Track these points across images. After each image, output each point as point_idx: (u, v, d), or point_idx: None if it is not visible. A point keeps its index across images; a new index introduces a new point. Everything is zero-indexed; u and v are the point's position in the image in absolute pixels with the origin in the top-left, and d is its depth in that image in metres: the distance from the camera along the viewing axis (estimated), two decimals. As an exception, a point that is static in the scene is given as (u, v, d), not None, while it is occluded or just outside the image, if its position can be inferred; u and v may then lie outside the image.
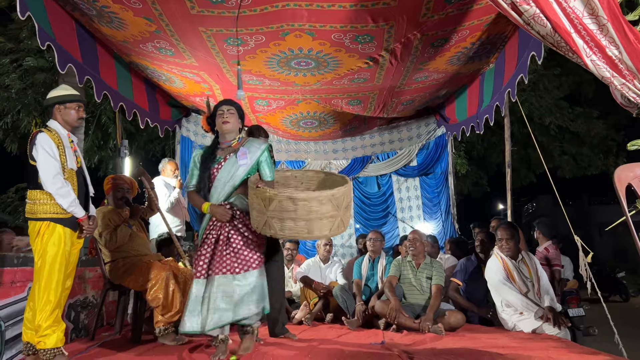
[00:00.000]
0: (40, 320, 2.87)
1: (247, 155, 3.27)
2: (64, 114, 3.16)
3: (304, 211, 2.75)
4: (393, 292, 4.51)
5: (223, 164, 3.28)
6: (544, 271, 4.41)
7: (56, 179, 2.95)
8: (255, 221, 3.01)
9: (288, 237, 3.10)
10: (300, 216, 2.77)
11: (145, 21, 4.10)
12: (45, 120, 8.65)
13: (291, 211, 2.76)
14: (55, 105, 3.16)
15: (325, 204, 2.78)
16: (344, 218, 2.95)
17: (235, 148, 3.33)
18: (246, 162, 3.26)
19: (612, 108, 10.63)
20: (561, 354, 3.12)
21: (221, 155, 3.33)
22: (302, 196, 2.77)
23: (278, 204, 2.76)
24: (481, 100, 5.71)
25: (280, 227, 2.83)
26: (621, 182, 2.27)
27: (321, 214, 2.78)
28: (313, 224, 2.80)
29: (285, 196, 2.76)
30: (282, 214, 2.79)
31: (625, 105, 2.85)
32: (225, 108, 3.35)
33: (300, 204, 2.74)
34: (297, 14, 3.95)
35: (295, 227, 2.82)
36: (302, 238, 3.15)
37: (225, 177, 3.26)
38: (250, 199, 3.01)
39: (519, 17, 2.72)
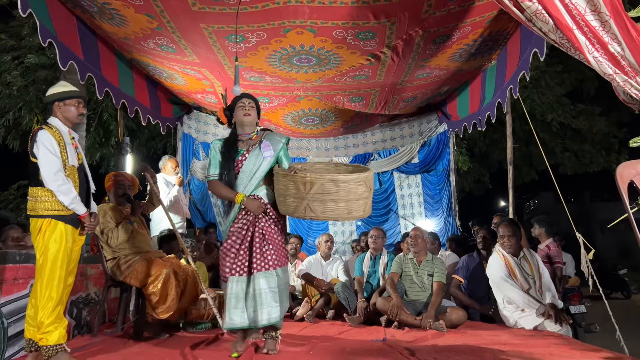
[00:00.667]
0: (42, 317, 2.88)
1: (270, 147, 3.32)
2: (63, 110, 3.15)
3: (344, 192, 2.95)
4: (395, 289, 4.51)
5: (247, 156, 3.30)
6: (545, 268, 4.41)
7: (57, 176, 2.95)
8: (290, 207, 3.10)
9: (330, 218, 3.20)
10: (342, 197, 2.96)
11: (146, 18, 4.10)
12: (46, 118, 8.65)
13: (333, 193, 2.95)
14: (55, 102, 3.14)
15: (361, 185, 3.00)
16: (371, 200, 3.18)
17: (256, 140, 3.36)
18: (270, 154, 3.30)
19: (614, 105, 10.62)
20: (563, 351, 3.12)
21: (243, 147, 3.34)
22: (343, 178, 2.97)
23: (320, 186, 2.94)
24: (483, 97, 5.70)
25: (323, 209, 3.00)
26: (623, 179, 2.26)
27: (358, 195, 2.99)
28: (352, 204, 3.01)
29: (327, 179, 2.96)
30: (324, 196, 2.96)
31: (627, 102, 2.85)
32: (247, 101, 3.37)
33: (342, 185, 2.95)
34: (299, 11, 3.94)
35: (337, 208, 2.99)
36: (342, 219, 3.25)
37: (250, 168, 3.28)
38: (283, 186, 3.10)
39: (521, 13, 2.72)
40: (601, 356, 2.95)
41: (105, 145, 10.16)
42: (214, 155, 3.36)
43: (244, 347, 3.19)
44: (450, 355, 3.05)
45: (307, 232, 7.76)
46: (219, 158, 3.34)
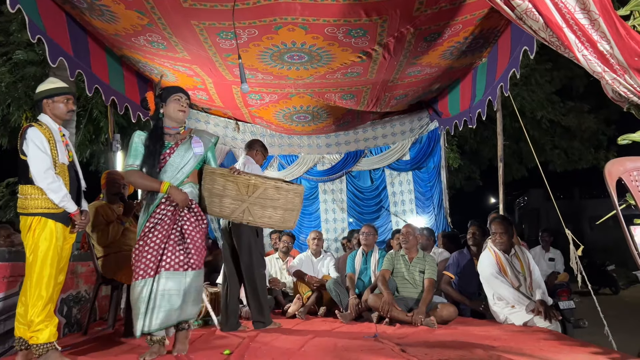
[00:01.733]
0: (32, 315, 2.86)
1: (201, 144, 3.27)
2: (52, 107, 3.12)
3: (284, 201, 2.97)
4: (386, 285, 4.53)
5: (175, 149, 3.20)
6: (536, 265, 4.45)
7: (47, 173, 2.93)
8: (225, 209, 3.06)
9: (265, 225, 3.16)
10: (281, 205, 2.98)
11: (137, 14, 4.07)
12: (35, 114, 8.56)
13: (275, 199, 2.95)
14: (44, 100, 3.11)
15: (298, 197, 3.05)
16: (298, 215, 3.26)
17: (185, 135, 3.29)
18: (201, 150, 3.25)
19: (603, 102, 10.71)
20: (552, 346, 3.15)
21: (170, 140, 3.24)
22: (285, 186, 2.98)
23: (263, 191, 2.94)
24: (474, 94, 5.72)
25: (261, 215, 2.99)
26: (612, 176, 2.29)
27: (294, 205, 3.04)
28: (287, 214, 3.04)
29: (272, 184, 2.95)
30: (265, 201, 2.96)
31: (616, 99, 2.88)
32: (183, 97, 3.28)
33: (283, 193, 2.96)
34: (291, 8, 3.94)
35: (274, 216, 3.00)
36: (275, 227, 3.25)
37: (178, 162, 3.19)
38: (221, 186, 3.05)
39: (511, 11, 2.73)
40: (589, 351, 2.98)
41: (96, 143, 10.08)
42: (135, 146, 3.19)
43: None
44: (441, 351, 3.07)
45: (298, 229, 7.77)
46: (141, 150, 3.18)
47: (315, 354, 3.14)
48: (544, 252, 7.26)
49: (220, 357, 3.09)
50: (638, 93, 2.68)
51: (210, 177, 3.10)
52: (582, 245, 4.00)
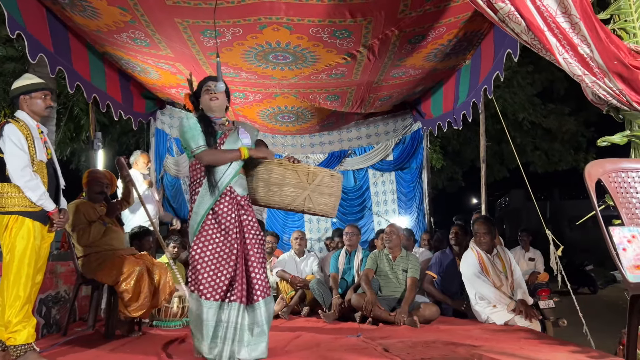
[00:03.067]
0: (10, 316, 2.81)
1: (248, 135, 3.14)
2: (30, 104, 3.05)
3: (337, 188, 3.09)
4: (369, 285, 4.55)
5: (225, 140, 2.99)
6: (517, 266, 4.52)
7: (24, 171, 2.87)
8: (286, 197, 3.03)
9: (322, 211, 3.10)
10: (334, 192, 3.08)
11: (119, 11, 4.02)
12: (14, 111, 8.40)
13: (330, 186, 3.04)
14: (21, 96, 3.04)
15: (341, 184, 3.18)
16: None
17: (230, 127, 3.09)
18: (249, 141, 3.11)
19: (582, 105, 10.88)
20: (532, 345, 3.20)
21: (219, 130, 3.03)
22: (337, 174, 3.12)
23: (322, 179, 3.01)
24: (457, 96, 5.77)
25: (319, 202, 3.04)
26: (591, 177, 2.33)
27: (340, 192, 3.15)
28: (336, 201, 3.12)
29: (328, 172, 3.07)
30: (322, 188, 3.03)
31: (595, 102, 2.93)
32: (213, 84, 3.06)
33: (335, 180, 3.08)
34: (275, 7, 3.92)
35: (329, 203, 3.07)
36: (329, 214, 3.16)
37: None
38: (279, 175, 3.01)
39: (494, 14, 2.76)
40: (569, 350, 3.03)
41: (76, 141, 9.93)
42: (193, 127, 2.92)
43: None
44: (423, 350, 3.09)
45: (282, 229, 7.76)
46: (200, 130, 2.92)
47: (298, 353, 3.14)
48: (524, 252, 7.36)
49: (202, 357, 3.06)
50: (617, 96, 2.74)
51: (266, 167, 3.02)
52: (562, 246, 4.07)
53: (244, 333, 2.80)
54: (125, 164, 4.18)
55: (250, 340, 2.80)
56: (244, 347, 2.78)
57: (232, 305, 2.80)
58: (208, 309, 2.78)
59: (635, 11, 2.91)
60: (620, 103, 2.77)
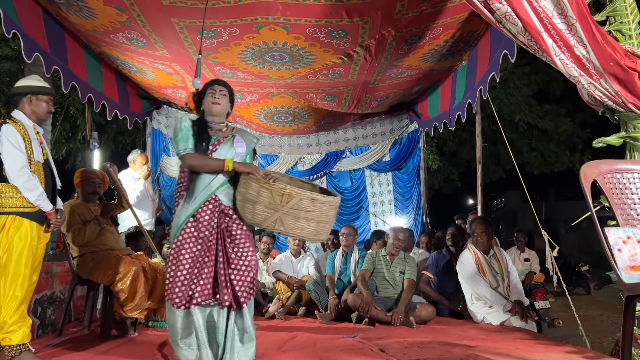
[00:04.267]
0: (5, 316, 2.80)
1: (244, 144, 2.99)
2: (35, 105, 3.05)
3: (319, 213, 2.77)
4: (365, 285, 4.54)
5: (218, 147, 2.91)
6: (514, 267, 4.53)
7: (22, 172, 2.86)
8: (258, 216, 2.81)
9: (297, 236, 2.93)
10: (314, 217, 2.77)
11: (115, 11, 4.01)
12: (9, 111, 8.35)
13: (309, 211, 2.75)
14: (27, 95, 3.04)
15: (333, 209, 2.84)
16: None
17: (227, 133, 3.00)
18: (243, 151, 2.97)
19: (578, 106, 10.90)
20: (527, 345, 3.21)
21: (214, 135, 2.95)
22: (321, 199, 2.78)
23: (298, 202, 2.72)
24: (453, 97, 5.78)
25: (293, 226, 2.78)
26: (587, 178, 2.33)
27: (328, 218, 2.84)
28: (320, 227, 2.82)
29: (307, 196, 2.74)
30: (299, 212, 2.75)
31: (591, 103, 2.94)
32: (218, 88, 2.96)
33: (318, 205, 2.76)
34: (272, 7, 3.92)
35: (306, 228, 2.79)
36: (308, 239, 3.04)
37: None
38: (254, 192, 2.80)
39: (491, 15, 2.77)
40: (564, 350, 3.04)
41: (72, 140, 9.91)
42: (186, 129, 2.88)
43: None
44: (419, 351, 3.09)
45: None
46: (192, 133, 2.88)
47: (294, 354, 3.14)
48: (520, 253, 7.38)
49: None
50: (613, 97, 2.75)
51: (245, 181, 2.85)
52: (557, 246, 4.08)
53: (234, 340, 2.76)
54: (112, 171, 4.17)
55: (240, 348, 2.77)
56: (235, 354, 2.75)
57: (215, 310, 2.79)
58: (177, 317, 2.74)
59: (631, 13, 2.92)
60: (616, 104, 2.78)
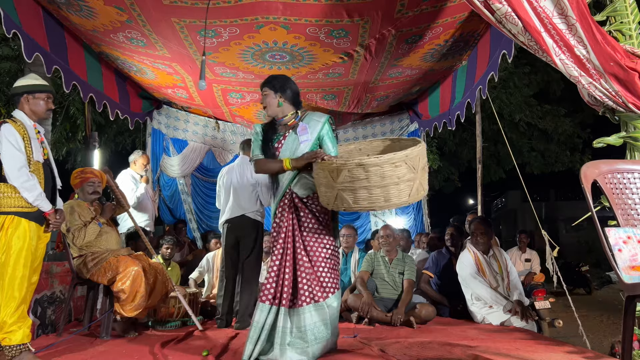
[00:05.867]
0: (5, 316, 2.80)
1: (307, 130, 3.03)
2: (32, 104, 3.05)
3: (377, 177, 2.52)
4: (365, 286, 4.54)
5: (283, 142, 3.03)
6: (513, 267, 4.53)
7: (21, 171, 2.87)
8: (324, 197, 2.74)
9: (364, 208, 2.72)
10: (375, 183, 2.53)
11: (116, 10, 4.01)
12: (10, 110, 8.36)
13: (363, 179, 2.53)
14: (24, 95, 3.04)
15: (399, 166, 2.52)
16: (422, 180, 2.69)
17: (292, 125, 3.07)
18: (307, 137, 3.01)
19: (579, 106, 10.91)
20: (527, 346, 3.20)
21: (281, 131, 3.08)
22: (372, 161, 2.51)
23: (348, 173, 2.54)
24: (453, 97, 5.78)
25: (354, 199, 2.59)
26: (587, 178, 2.33)
27: (397, 178, 2.54)
28: (390, 190, 2.56)
29: (354, 163, 2.51)
30: (353, 184, 2.56)
31: (591, 103, 2.94)
32: (262, 91, 3.10)
33: (372, 169, 2.50)
34: (272, 7, 3.92)
35: (370, 197, 2.57)
36: (379, 208, 2.74)
37: (287, 155, 2.99)
38: (316, 175, 2.75)
39: (491, 15, 2.77)
40: (564, 350, 3.04)
41: (72, 140, 9.90)
42: (255, 136, 3.13)
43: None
44: (419, 351, 3.09)
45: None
46: (260, 138, 3.09)
47: (294, 354, 3.13)
48: (521, 253, 7.38)
49: (199, 357, 3.06)
50: (613, 97, 2.75)
51: (313, 168, 2.79)
52: (558, 247, 4.08)
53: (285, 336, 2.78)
54: (109, 176, 4.17)
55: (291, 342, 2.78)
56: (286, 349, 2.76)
57: (272, 309, 2.83)
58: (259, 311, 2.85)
59: (631, 13, 2.92)
60: (616, 104, 2.78)
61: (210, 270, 5.35)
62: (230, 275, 4.42)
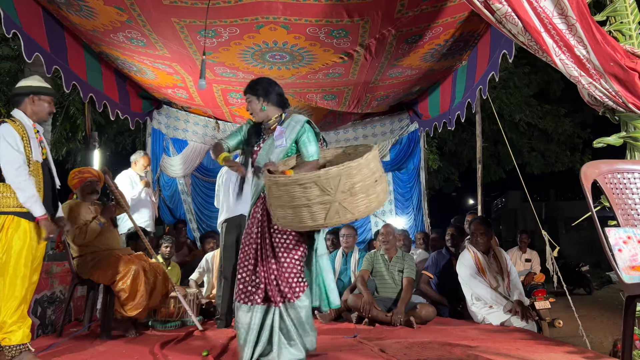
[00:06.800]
0: (5, 316, 2.79)
1: (283, 134, 2.90)
2: (36, 104, 3.06)
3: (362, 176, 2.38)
4: (365, 286, 4.54)
5: (262, 146, 2.94)
6: (513, 267, 4.52)
7: (18, 171, 2.86)
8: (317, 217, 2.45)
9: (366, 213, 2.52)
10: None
11: (116, 10, 4.01)
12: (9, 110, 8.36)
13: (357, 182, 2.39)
14: (30, 95, 3.05)
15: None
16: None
17: (273, 128, 2.96)
18: (282, 142, 2.88)
19: (579, 106, 10.90)
20: (528, 346, 3.20)
21: (262, 135, 3.01)
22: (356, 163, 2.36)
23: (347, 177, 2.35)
24: (453, 97, 5.78)
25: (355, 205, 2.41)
26: (587, 178, 2.33)
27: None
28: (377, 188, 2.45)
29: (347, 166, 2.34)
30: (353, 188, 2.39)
31: (591, 103, 2.94)
32: (245, 98, 3.02)
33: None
34: (272, 7, 3.92)
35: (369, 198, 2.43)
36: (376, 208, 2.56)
37: (263, 160, 2.88)
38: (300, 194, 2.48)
39: (491, 15, 2.77)
40: (564, 350, 3.04)
41: (72, 140, 9.90)
42: (238, 130, 3.10)
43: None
44: (419, 351, 3.09)
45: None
46: (240, 136, 3.06)
47: (294, 354, 3.13)
48: (521, 253, 7.38)
49: (199, 357, 3.06)
50: (613, 97, 2.75)
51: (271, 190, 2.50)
52: (558, 247, 4.08)
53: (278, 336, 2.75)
54: (108, 177, 4.17)
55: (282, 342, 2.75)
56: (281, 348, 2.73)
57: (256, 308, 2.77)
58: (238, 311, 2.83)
59: (631, 13, 2.92)
60: (616, 104, 2.78)
61: (209, 271, 5.35)
62: (229, 275, 4.41)
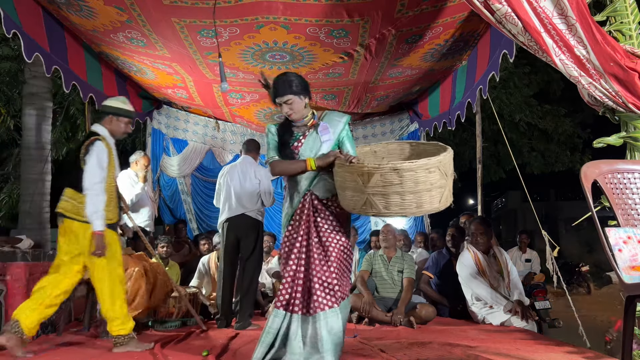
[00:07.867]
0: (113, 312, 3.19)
1: (329, 129, 2.89)
2: (114, 125, 3.33)
3: (411, 183, 2.43)
4: (365, 286, 4.54)
5: (303, 141, 2.88)
6: (514, 267, 4.52)
7: (96, 186, 3.11)
8: (350, 202, 2.61)
9: (395, 214, 2.59)
10: (408, 189, 2.45)
11: (116, 10, 4.01)
12: (9, 110, 8.37)
13: (396, 184, 2.44)
14: (110, 115, 3.33)
15: (433, 172, 2.45)
16: (450, 187, 2.61)
17: (313, 124, 2.93)
18: (329, 137, 2.88)
19: (579, 106, 10.90)
20: (528, 346, 3.20)
21: (298, 132, 2.92)
22: (407, 166, 2.42)
23: (380, 178, 2.43)
24: (453, 96, 5.78)
25: (385, 204, 2.48)
26: (587, 178, 2.33)
27: (430, 184, 2.46)
28: (422, 196, 2.48)
29: (388, 168, 2.42)
30: (385, 188, 2.45)
31: (591, 103, 2.94)
32: (282, 102, 2.90)
33: (406, 175, 2.41)
34: (272, 7, 3.92)
35: (403, 202, 2.48)
36: (410, 214, 2.62)
37: (307, 155, 2.84)
38: (341, 177, 2.62)
39: (491, 15, 2.77)
40: (564, 350, 3.04)
41: (72, 140, 9.89)
42: (270, 137, 2.95)
43: None
44: (419, 351, 3.09)
45: (279, 230, 7.75)
46: (276, 140, 2.93)
47: (294, 354, 3.12)
48: (521, 254, 7.38)
49: (199, 357, 3.06)
50: (613, 97, 2.75)
51: (335, 170, 2.68)
52: (558, 247, 4.08)
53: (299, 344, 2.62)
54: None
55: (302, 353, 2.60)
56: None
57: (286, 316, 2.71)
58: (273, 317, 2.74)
59: (631, 13, 2.92)
60: (616, 104, 2.78)
61: (207, 274, 5.35)
62: (229, 275, 4.40)
